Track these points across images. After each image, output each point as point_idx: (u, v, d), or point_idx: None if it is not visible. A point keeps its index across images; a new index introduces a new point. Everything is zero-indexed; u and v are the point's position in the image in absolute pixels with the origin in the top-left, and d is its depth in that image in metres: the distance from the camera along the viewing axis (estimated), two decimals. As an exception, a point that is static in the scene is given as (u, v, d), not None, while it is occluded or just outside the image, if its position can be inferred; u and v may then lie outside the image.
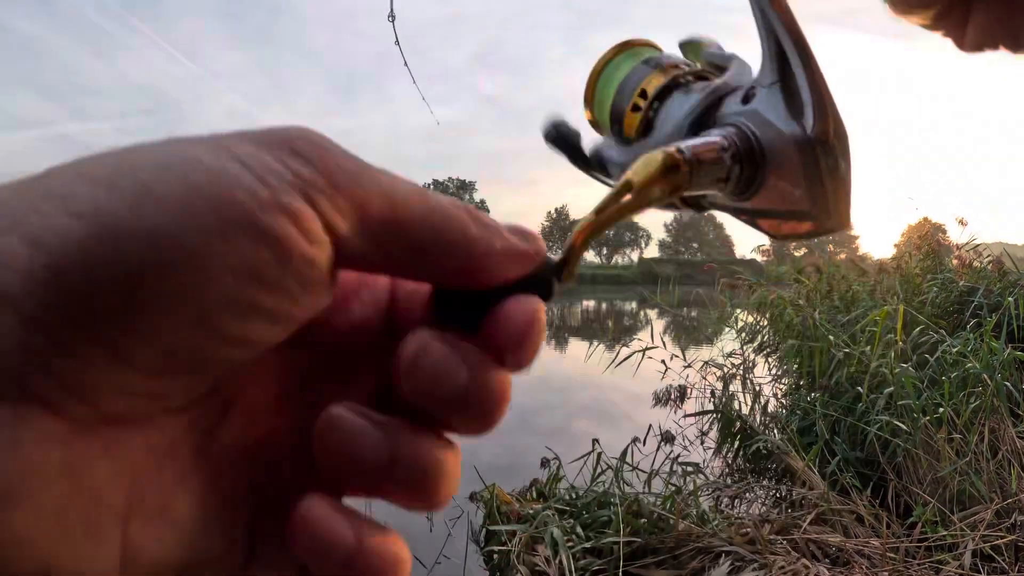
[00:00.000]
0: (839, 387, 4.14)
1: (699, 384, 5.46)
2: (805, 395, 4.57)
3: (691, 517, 2.99)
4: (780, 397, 5.08)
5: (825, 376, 4.25)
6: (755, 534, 2.76)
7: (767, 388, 5.09)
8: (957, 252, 5.87)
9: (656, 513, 2.96)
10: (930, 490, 3.21)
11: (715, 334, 7.01)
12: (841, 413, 3.91)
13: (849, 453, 3.69)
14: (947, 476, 3.17)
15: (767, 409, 4.81)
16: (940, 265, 5.95)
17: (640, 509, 2.96)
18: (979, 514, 2.91)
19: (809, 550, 2.77)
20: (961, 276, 5.44)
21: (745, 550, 2.68)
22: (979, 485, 3.05)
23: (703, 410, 5.22)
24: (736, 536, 2.78)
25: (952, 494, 3.12)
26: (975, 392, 3.40)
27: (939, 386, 3.50)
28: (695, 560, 2.71)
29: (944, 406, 3.32)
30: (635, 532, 2.85)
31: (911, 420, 3.38)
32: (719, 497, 3.81)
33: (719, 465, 4.56)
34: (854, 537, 2.90)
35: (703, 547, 2.76)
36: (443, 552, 3.35)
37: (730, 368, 5.29)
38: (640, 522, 2.89)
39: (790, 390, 5.07)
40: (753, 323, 6.55)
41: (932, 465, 3.28)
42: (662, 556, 2.76)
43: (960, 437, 3.28)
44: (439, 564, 3.25)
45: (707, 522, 2.97)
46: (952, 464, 3.17)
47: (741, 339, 6.14)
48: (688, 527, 2.86)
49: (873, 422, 3.51)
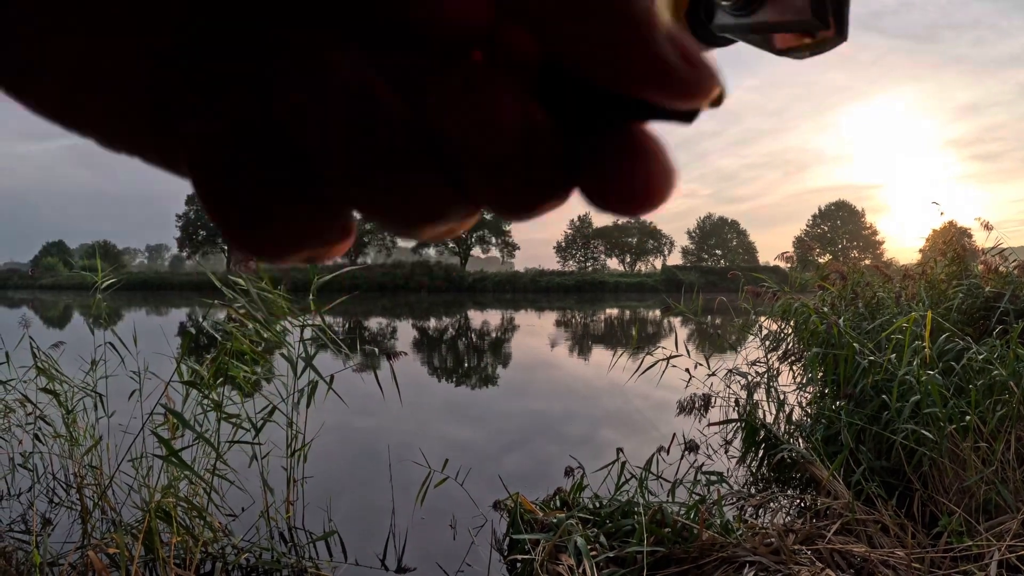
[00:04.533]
0: (864, 395, 4.12)
1: (723, 392, 5.45)
2: (830, 404, 4.54)
3: (715, 527, 3.00)
4: (804, 406, 5.06)
5: (850, 384, 4.23)
6: (779, 544, 2.76)
7: (791, 397, 5.08)
8: (983, 257, 5.82)
9: (680, 523, 2.96)
10: (956, 500, 3.19)
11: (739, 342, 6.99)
12: (866, 422, 3.89)
13: (874, 462, 3.68)
14: (973, 485, 3.15)
15: (791, 418, 4.79)
16: (966, 271, 5.90)
17: (664, 518, 2.96)
18: (1005, 524, 2.88)
19: (834, 560, 2.77)
20: (987, 282, 5.39)
21: (769, 560, 2.68)
22: (1005, 494, 3.03)
23: (727, 419, 5.21)
24: (760, 546, 2.78)
25: (978, 504, 3.10)
26: (1002, 400, 3.38)
27: (965, 394, 3.48)
28: (719, 570, 2.71)
29: (970, 414, 3.29)
30: (659, 541, 2.86)
31: (937, 429, 3.36)
32: (743, 507, 3.81)
33: (743, 474, 4.55)
34: (879, 547, 2.89)
35: (727, 557, 2.76)
36: (466, 560, 3.37)
37: (754, 376, 5.28)
38: (664, 531, 2.90)
39: (815, 399, 5.04)
40: (777, 331, 6.52)
41: (958, 474, 3.26)
42: (686, 566, 2.76)
43: (986, 446, 3.26)
44: (462, 572, 3.27)
45: (731, 532, 2.97)
46: (978, 473, 3.15)
47: (765, 347, 6.12)
48: (712, 537, 2.87)
49: (899, 431, 3.49)
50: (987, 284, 5.34)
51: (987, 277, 5.47)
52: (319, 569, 3.22)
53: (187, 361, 3.52)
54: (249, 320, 3.61)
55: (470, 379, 10.33)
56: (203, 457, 3.50)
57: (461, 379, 10.37)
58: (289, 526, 3.74)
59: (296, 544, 3.59)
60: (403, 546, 3.57)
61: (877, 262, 8.51)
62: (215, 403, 3.46)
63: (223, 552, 3.22)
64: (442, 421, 7.00)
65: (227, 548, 3.26)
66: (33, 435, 4.08)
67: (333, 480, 4.52)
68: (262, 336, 3.65)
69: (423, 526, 3.79)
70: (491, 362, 12.52)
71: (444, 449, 4.97)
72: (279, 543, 3.51)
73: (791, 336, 6.43)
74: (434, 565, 3.35)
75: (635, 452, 3.82)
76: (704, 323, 5.85)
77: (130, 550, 2.83)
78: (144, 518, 2.94)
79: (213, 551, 3.20)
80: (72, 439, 3.79)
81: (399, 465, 4.29)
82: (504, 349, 14.98)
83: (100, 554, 2.84)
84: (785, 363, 6.24)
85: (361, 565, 3.37)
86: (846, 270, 6.58)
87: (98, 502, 3.53)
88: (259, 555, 3.24)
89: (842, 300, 6.11)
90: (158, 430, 3.21)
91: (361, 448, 5.63)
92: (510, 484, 3.81)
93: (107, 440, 3.71)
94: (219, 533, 3.29)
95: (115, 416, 3.84)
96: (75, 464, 3.75)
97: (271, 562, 3.21)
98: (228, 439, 3.50)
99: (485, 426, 6.83)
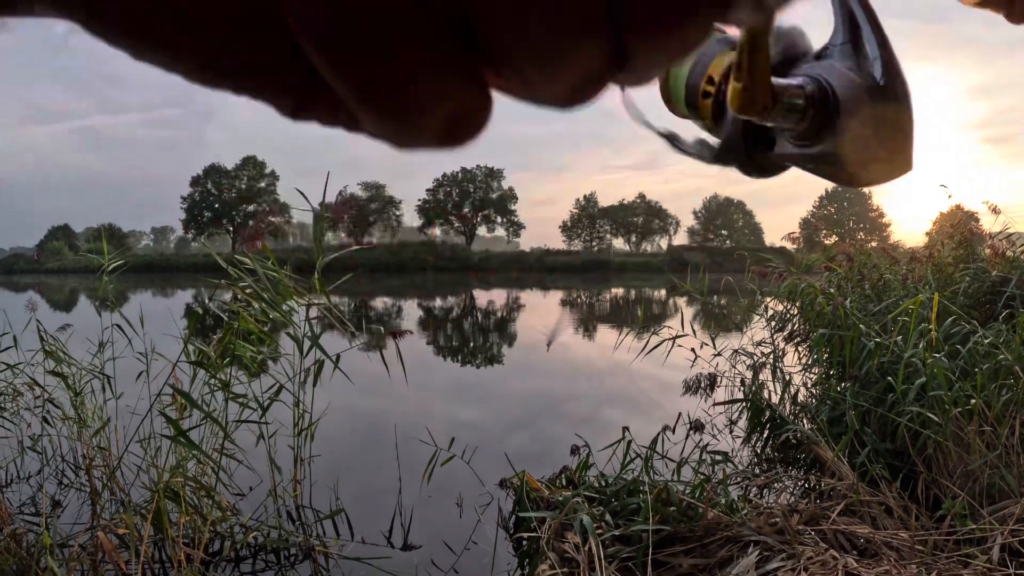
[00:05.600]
0: (869, 377, 4.12)
1: (729, 373, 5.46)
2: (835, 385, 4.55)
3: (720, 506, 3.01)
4: (810, 387, 5.06)
5: (855, 366, 4.23)
6: (783, 524, 2.78)
7: (797, 377, 5.08)
8: (990, 241, 5.79)
9: (685, 502, 2.97)
10: (960, 483, 3.20)
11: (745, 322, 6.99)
12: (871, 403, 3.90)
13: (879, 444, 3.68)
14: (977, 469, 3.15)
15: (797, 398, 4.80)
16: (972, 254, 5.88)
17: (669, 497, 2.98)
18: (1009, 508, 2.89)
19: (837, 541, 2.78)
20: (994, 266, 5.37)
21: (773, 540, 2.70)
22: (1009, 479, 3.03)
23: (732, 399, 5.22)
24: (764, 526, 2.80)
25: (982, 487, 3.11)
26: (1007, 384, 3.37)
27: (971, 378, 3.48)
28: (723, 549, 2.73)
29: (976, 398, 3.29)
30: (664, 520, 2.87)
31: (942, 412, 3.36)
32: (748, 486, 3.82)
33: (748, 454, 4.57)
34: (882, 529, 2.91)
35: (731, 536, 2.77)
36: (472, 538, 3.40)
37: (760, 357, 5.28)
38: (669, 510, 2.91)
39: (820, 379, 5.04)
40: (783, 311, 6.52)
41: (962, 458, 3.27)
42: (691, 544, 2.78)
43: (991, 430, 3.26)
44: (468, 550, 3.30)
45: (736, 511, 2.98)
46: (982, 457, 3.15)
47: (771, 328, 6.12)
48: (717, 516, 2.88)
49: (903, 413, 3.49)
50: (994, 268, 5.32)
51: (994, 261, 5.45)
52: (326, 547, 3.25)
53: (194, 342, 3.53)
54: (255, 300, 3.62)
55: (476, 358, 10.36)
56: (211, 437, 3.52)
57: (467, 358, 10.39)
58: (296, 505, 3.77)
59: (303, 522, 3.62)
60: (409, 524, 3.60)
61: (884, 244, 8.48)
62: (222, 383, 3.48)
63: (231, 531, 3.26)
64: (448, 400, 7.03)
65: (235, 527, 3.30)
66: (42, 418, 4.11)
67: (340, 459, 4.55)
68: (268, 316, 3.66)
69: (430, 504, 3.82)
70: (496, 341, 12.55)
71: (450, 428, 4.99)
72: (287, 522, 3.54)
73: (797, 317, 6.43)
74: (440, 543, 3.37)
75: (641, 431, 3.83)
76: (710, 303, 5.85)
77: (139, 530, 2.86)
78: (153, 498, 2.97)
79: (221, 530, 3.23)
80: (80, 421, 3.81)
81: (405, 444, 4.32)
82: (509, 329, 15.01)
83: (110, 535, 2.87)
84: (791, 344, 6.25)
85: (368, 543, 3.40)
86: (853, 251, 6.56)
87: (107, 483, 3.57)
88: (267, 534, 3.28)
89: (848, 281, 6.10)
90: (166, 411, 3.23)
91: (368, 427, 5.66)
92: (516, 463, 3.83)
93: (115, 421, 3.73)
94: (227, 512, 3.32)
95: (123, 398, 3.86)
96: (84, 446, 3.78)
97: (279, 540, 3.24)
98: (235, 419, 3.53)
99: (491, 405, 6.85)
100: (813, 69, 0.43)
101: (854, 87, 0.40)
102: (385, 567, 3.08)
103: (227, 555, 3.17)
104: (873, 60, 0.40)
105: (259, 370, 3.77)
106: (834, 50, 0.43)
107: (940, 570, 2.49)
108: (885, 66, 0.40)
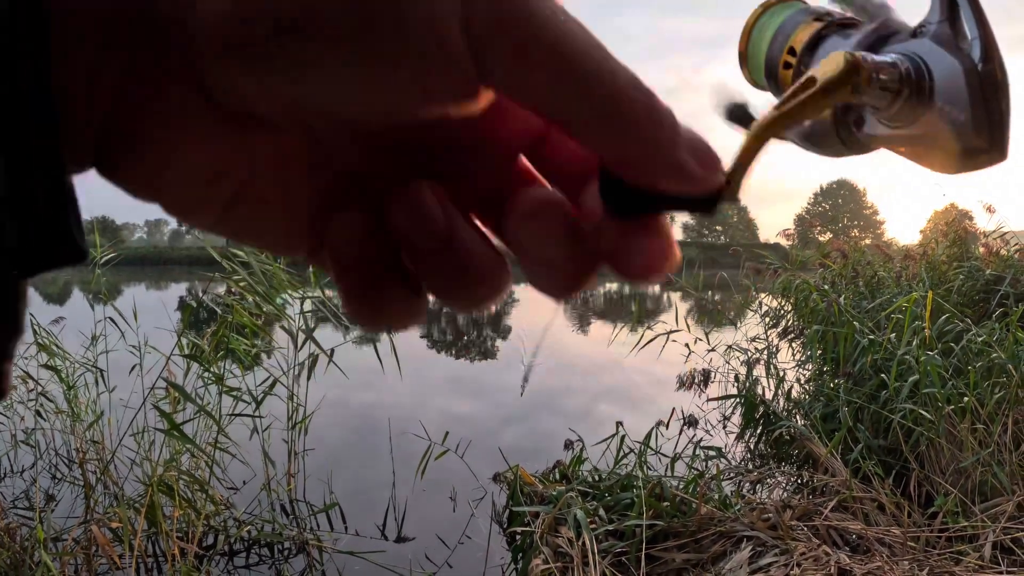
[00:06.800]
0: (863, 374, 4.14)
1: (723, 368, 5.47)
2: (829, 381, 4.56)
3: (713, 501, 3.02)
4: (804, 383, 5.07)
5: (849, 363, 4.24)
6: (776, 519, 2.79)
7: (791, 373, 5.09)
8: (984, 240, 5.81)
9: (678, 497, 2.98)
10: (952, 480, 3.21)
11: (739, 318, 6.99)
12: (865, 400, 3.91)
13: (872, 441, 3.69)
14: (969, 467, 3.17)
15: (790, 395, 4.81)
16: (966, 253, 5.89)
17: (663, 492, 2.98)
18: (1001, 506, 2.90)
19: (830, 537, 2.79)
20: (988, 264, 5.39)
21: (766, 535, 2.71)
22: (1001, 477, 3.05)
23: (726, 394, 5.23)
24: (758, 521, 2.81)
25: (974, 485, 3.12)
26: (1000, 382, 3.39)
27: (964, 376, 3.49)
28: (716, 544, 2.74)
29: (968, 396, 3.30)
30: (657, 515, 2.88)
31: (935, 409, 3.37)
32: (741, 482, 3.84)
33: (741, 450, 4.58)
34: (875, 525, 2.92)
35: (725, 531, 2.79)
36: (466, 532, 3.41)
37: (754, 353, 5.29)
38: (663, 505, 2.92)
39: (814, 376, 5.06)
40: (777, 308, 6.53)
41: (955, 455, 3.28)
42: (684, 540, 2.79)
43: (984, 428, 3.27)
44: (462, 544, 3.31)
45: (729, 507, 3.00)
46: (975, 455, 3.17)
47: (765, 324, 6.13)
48: (710, 511, 2.89)
49: (897, 410, 3.51)
50: (988, 267, 5.34)
51: (988, 260, 5.47)
52: (320, 541, 3.25)
53: (188, 335, 3.52)
54: (249, 293, 3.61)
55: (470, 352, 10.35)
56: (204, 430, 3.52)
57: (460, 352, 10.38)
58: (290, 498, 3.77)
59: (297, 516, 3.62)
60: (403, 518, 3.60)
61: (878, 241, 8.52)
62: (216, 376, 3.47)
63: (225, 525, 3.25)
64: (442, 394, 7.02)
65: (229, 521, 3.29)
66: (35, 411, 4.09)
67: (334, 453, 4.54)
68: (262, 309, 3.65)
69: (423, 498, 3.82)
70: (490, 335, 12.54)
71: (444, 422, 4.98)
72: (280, 515, 3.54)
73: (791, 313, 6.44)
74: (434, 537, 3.38)
75: (634, 426, 3.84)
76: (704, 298, 5.86)
77: (133, 524, 2.85)
78: (146, 492, 2.96)
79: (215, 524, 3.23)
80: (74, 415, 3.79)
81: (399, 438, 4.32)
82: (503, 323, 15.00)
83: (103, 528, 2.86)
84: (785, 340, 6.26)
85: (361, 536, 3.40)
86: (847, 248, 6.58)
87: (100, 477, 3.55)
88: (261, 527, 3.28)
89: (842, 278, 6.11)
90: (159, 404, 3.22)
91: (362, 421, 5.65)
92: (510, 457, 3.83)
93: (109, 415, 3.72)
94: (221, 506, 3.31)
95: (116, 391, 3.85)
96: (77, 440, 3.76)
97: (273, 534, 3.24)
98: (229, 412, 3.52)
99: (485, 399, 6.85)
100: (909, 47, 0.41)
101: (952, 69, 0.38)
102: (379, 561, 3.08)
103: (221, 549, 3.17)
104: (972, 41, 0.39)
105: (253, 363, 3.76)
106: (930, 28, 0.41)
107: (932, 567, 2.51)
108: (984, 48, 0.38)
